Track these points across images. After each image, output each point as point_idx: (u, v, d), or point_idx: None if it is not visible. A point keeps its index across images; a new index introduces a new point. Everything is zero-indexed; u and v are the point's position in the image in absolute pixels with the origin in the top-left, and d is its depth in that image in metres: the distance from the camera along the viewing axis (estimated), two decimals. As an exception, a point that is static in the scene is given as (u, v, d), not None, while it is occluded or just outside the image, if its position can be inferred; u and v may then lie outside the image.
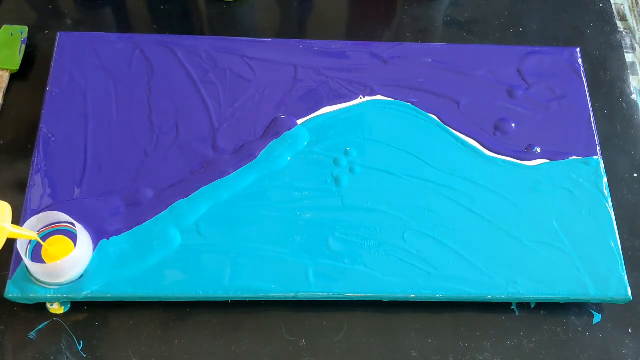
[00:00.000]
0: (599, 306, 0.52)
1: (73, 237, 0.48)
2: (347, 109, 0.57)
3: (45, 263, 0.47)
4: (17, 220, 0.50)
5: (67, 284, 0.47)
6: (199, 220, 0.50)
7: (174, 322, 0.49)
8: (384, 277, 0.49)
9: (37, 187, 0.51)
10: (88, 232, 0.49)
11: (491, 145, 0.56)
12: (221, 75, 0.57)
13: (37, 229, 0.48)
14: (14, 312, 0.49)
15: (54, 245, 0.47)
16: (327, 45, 0.60)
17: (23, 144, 0.56)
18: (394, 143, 0.55)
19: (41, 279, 0.47)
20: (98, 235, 0.49)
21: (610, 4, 0.69)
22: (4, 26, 0.60)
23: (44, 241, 0.47)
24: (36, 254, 0.48)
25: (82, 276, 0.48)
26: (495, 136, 0.56)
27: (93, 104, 0.55)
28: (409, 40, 0.64)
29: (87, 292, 0.47)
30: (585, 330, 0.51)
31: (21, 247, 0.46)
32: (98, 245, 0.49)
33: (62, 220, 0.48)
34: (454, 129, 0.56)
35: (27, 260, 0.46)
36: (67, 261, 0.46)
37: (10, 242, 0.49)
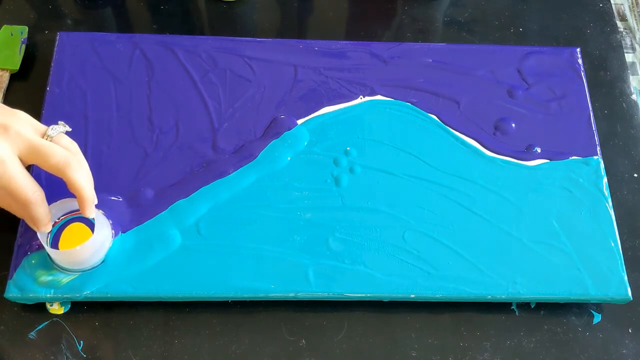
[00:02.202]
0: (599, 306, 0.52)
1: (91, 225, 0.48)
2: (347, 109, 0.57)
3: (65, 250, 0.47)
4: (16, 221, 0.50)
5: (89, 269, 0.48)
6: (199, 220, 0.50)
7: (174, 322, 0.49)
8: (384, 277, 0.49)
9: (37, 187, 0.51)
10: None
11: (491, 145, 0.56)
12: (221, 75, 0.57)
13: (56, 217, 0.48)
14: (14, 312, 0.49)
15: (72, 234, 0.48)
16: (327, 45, 0.60)
17: (23, 144, 0.55)
18: (394, 143, 0.55)
19: (65, 266, 0.47)
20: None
21: (610, 4, 0.69)
22: (4, 26, 0.60)
23: (62, 230, 0.48)
24: (56, 243, 0.48)
25: (104, 261, 0.48)
26: (495, 136, 0.56)
27: (93, 104, 0.55)
28: (409, 40, 0.64)
29: (87, 292, 0.47)
30: (585, 330, 0.51)
31: (42, 236, 0.46)
32: (98, 245, 0.49)
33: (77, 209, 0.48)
34: (454, 129, 0.56)
35: (48, 248, 0.46)
36: (86, 247, 0.46)
37: (10, 242, 0.49)
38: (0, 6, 0.63)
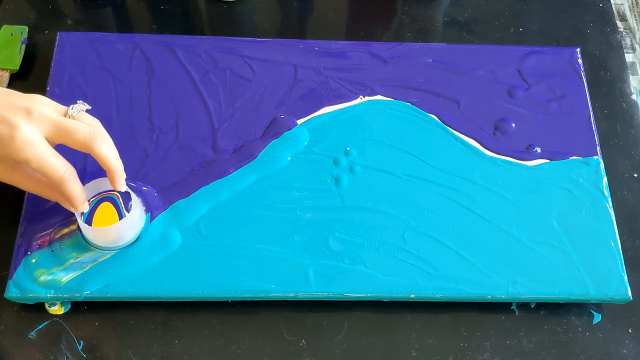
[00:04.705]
0: (599, 306, 0.52)
1: (116, 204, 0.49)
2: (347, 109, 0.57)
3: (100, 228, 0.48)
4: (16, 221, 0.50)
5: (125, 247, 0.48)
6: (199, 220, 0.50)
7: (174, 322, 0.49)
8: (384, 277, 0.49)
9: (37, 187, 0.51)
10: None
11: (491, 145, 0.56)
12: (221, 75, 0.57)
13: (87, 199, 0.48)
14: (14, 312, 0.49)
15: (104, 213, 0.48)
16: (327, 45, 0.60)
17: (23, 144, 0.55)
18: (394, 143, 0.55)
19: (101, 244, 0.48)
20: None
21: (610, 4, 0.69)
22: (4, 26, 0.60)
23: (94, 210, 0.48)
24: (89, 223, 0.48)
25: (138, 238, 0.49)
26: (495, 136, 0.56)
27: (93, 104, 0.55)
28: (409, 40, 0.64)
29: (87, 292, 0.47)
30: (585, 330, 0.51)
31: (78, 216, 0.47)
32: (98, 245, 0.49)
33: (111, 188, 0.49)
34: (454, 129, 0.56)
35: (86, 226, 0.47)
36: (125, 223, 0.47)
37: (11, 242, 0.49)
38: (0, 6, 0.63)
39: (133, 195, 0.49)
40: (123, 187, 0.47)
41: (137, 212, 0.48)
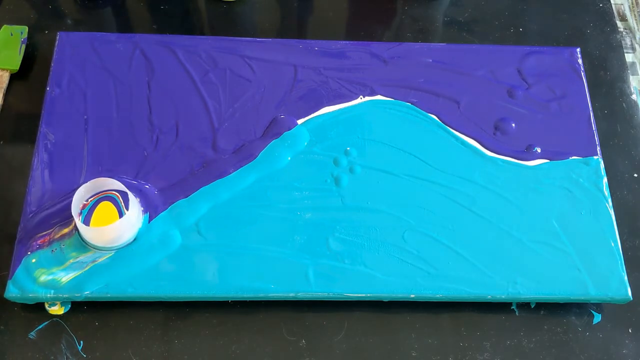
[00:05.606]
0: (599, 306, 0.52)
1: (116, 203, 0.49)
2: (347, 109, 0.57)
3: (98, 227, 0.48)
4: (16, 221, 0.50)
5: (123, 247, 0.48)
6: (199, 220, 0.50)
7: (174, 322, 0.49)
8: (384, 277, 0.49)
9: (37, 187, 0.51)
10: None
11: (491, 145, 0.56)
12: (221, 75, 0.57)
13: (85, 199, 0.49)
14: (14, 312, 0.49)
15: (102, 213, 0.48)
16: (327, 45, 0.60)
17: (23, 144, 0.56)
18: (394, 143, 0.55)
19: (99, 244, 0.48)
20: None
21: (610, 4, 0.69)
22: (4, 26, 0.60)
23: (93, 209, 0.49)
24: (88, 223, 0.48)
25: (136, 239, 0.49)
26: (495, 136, 0.56)
27: (93, 104, 0.55)
28: (409, 40, 0.64)
29: (87, 292, 0.47)
30: (585, 330, 0.51)
31: (75, 212, 0.47)
32: (98, 245, 0.49)
33: (110, 188, 0.49)
34: (454, 129, 0.56)
35: (84, 227, 0.47)
36: (123, 222, 0.47)
37: (11, 242, 0.49)
38: (0, 6, 0.63)
39: (131, 195, 0.49)
40: None
41: (134, 212, 0.48)
